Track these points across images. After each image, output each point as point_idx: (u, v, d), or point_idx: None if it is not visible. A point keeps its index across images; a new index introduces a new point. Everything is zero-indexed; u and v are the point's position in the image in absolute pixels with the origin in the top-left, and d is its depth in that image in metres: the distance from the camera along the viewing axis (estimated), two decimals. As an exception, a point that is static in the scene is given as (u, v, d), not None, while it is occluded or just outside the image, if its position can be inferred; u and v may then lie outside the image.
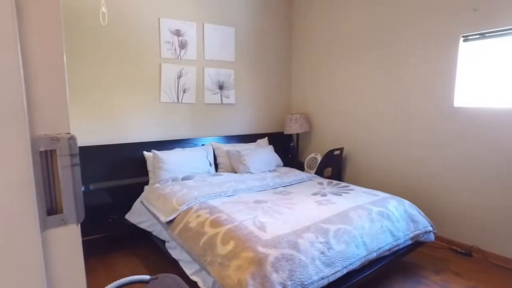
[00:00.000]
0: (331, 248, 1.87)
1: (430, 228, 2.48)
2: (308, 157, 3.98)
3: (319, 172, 3.58)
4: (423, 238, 2.44)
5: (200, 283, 1.92)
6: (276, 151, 3.83)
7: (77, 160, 0.46)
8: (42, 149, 0.43)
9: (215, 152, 3.48)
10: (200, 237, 1.98)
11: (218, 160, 3.46)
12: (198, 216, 2.15)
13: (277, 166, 3.66)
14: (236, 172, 3.34)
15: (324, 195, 2.63)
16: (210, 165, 3.28)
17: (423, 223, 2.45)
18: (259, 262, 1.65)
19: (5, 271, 0.42)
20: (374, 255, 2.06)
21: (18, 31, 0.40)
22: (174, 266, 2.19)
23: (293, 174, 3.33)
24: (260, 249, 1.72)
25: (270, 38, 4.13)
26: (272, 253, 1.70)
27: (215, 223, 2.02)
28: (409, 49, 3.08)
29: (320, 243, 1.86)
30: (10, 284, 0.42)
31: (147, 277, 1.45)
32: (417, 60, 3.02)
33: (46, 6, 0.42)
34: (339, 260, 1.86)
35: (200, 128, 3.60)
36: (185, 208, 2.30)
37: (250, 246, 1.75)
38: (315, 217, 2.12)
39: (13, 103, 0.40)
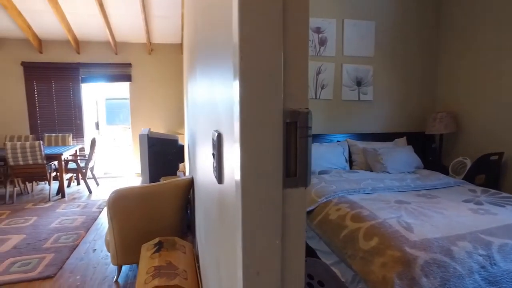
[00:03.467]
0: (495, 264, 1.64)
1: None
2: (454, 161, 3.54)
3: (469, 178, 3.14)
4: None
5: (338, 275, 1.95)
6: (415, 152, 3.54)
7: (311, 132, 0.55)
8: (288, 120, 0.53)
9: (350, 149, 3.45)
10: (340, 230, 2.02)
11: (353, 157, 3.42)
12: (338, 210, 2.18)
13: (417, 168, 3.38)
14: (371, 171, 3.24)
15: (479, 203, 2.31)
16: (346, 161, 3.28)
17: None
18: (407, 262, 1.58)
19: (259, 213, 0.54)
20: (557, 284, 1.71)
21: (282, 30, 0.51)
22: (311, 256, 2.28)
23: (437, 177, 3.02)
24: (408, 249, 1.64)
25: (413, 30, 3.82)
26: (422, 256, 1.60)
27: (357, 218, 2.01)
28: None
29: (481, 255, 1.65)
30: (264, 223, 0.54)
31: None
32: None
33: (299, 12, 0.52)
34: (507, 281, 1.61)
35: (335, 124, 3.62)
36: (324, 200, 2.37)
37: (396, 245, 1.69)
38: (471, 226, 1.89)
39: (277, 83, 0.51)
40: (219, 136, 0.79)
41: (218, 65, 0.78)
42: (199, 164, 1.74)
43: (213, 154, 0.84)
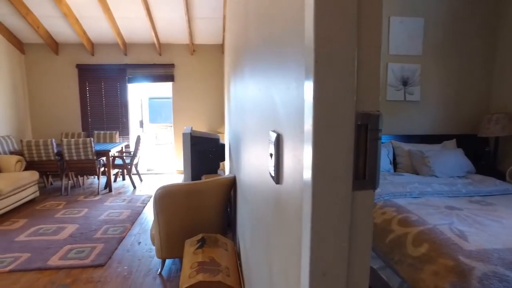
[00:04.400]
0: None
1: None
2: (512, 166, 3.29)
3: (530, 186, 2.90)
4: None
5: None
6: (466, 155, 3.33)
7: (381, 134, 0.54)
8: (359, 122, 0.53)
9: (395, 150, 3.32)
10: (386, 234, 1.95)
11: (398, 159, 3.29)
12: (383, 213, 2.12)
13: (468, 172, 3.18)
14: (417, 174, 3.10)
15: (543, 213, 2.13)
16: (390, 163, 3.17)
17: None
18: (461, 273, 1.50)
19: (328, 214, 0.54)
20: None
21: (357, 32, 0.50)
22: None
23: (492, 183, 2.82)
24: (463, 259, 1.56)
25: (467, 26, 3.59)
26: (479, 267, 1.50)
27: (404, 223, 1.94)
28: None
29: (548, 270, 1.52)
30: (332, 224, 0.54)
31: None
32: None
33: (373, 13, 0.52)
34: None
35: (379, 125, 3.51)
36: (368, 203, 2.31)
37: (449, 253, 1.60)
38: (535, 237, 1.75)
39: (350, 85, 0.51)
40: (278, 137, 0.80)
41: (280, 66, 0.78)
42: (246, 164, 1.76)
43: (271, 155, 0.85)
